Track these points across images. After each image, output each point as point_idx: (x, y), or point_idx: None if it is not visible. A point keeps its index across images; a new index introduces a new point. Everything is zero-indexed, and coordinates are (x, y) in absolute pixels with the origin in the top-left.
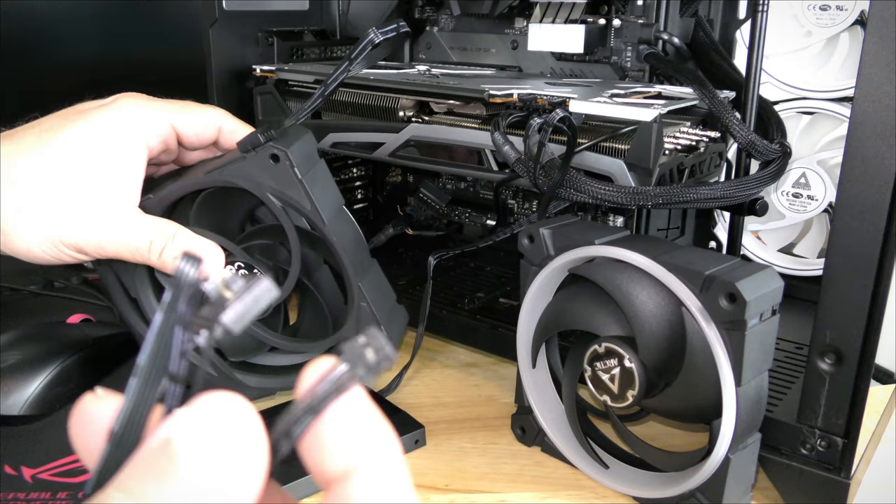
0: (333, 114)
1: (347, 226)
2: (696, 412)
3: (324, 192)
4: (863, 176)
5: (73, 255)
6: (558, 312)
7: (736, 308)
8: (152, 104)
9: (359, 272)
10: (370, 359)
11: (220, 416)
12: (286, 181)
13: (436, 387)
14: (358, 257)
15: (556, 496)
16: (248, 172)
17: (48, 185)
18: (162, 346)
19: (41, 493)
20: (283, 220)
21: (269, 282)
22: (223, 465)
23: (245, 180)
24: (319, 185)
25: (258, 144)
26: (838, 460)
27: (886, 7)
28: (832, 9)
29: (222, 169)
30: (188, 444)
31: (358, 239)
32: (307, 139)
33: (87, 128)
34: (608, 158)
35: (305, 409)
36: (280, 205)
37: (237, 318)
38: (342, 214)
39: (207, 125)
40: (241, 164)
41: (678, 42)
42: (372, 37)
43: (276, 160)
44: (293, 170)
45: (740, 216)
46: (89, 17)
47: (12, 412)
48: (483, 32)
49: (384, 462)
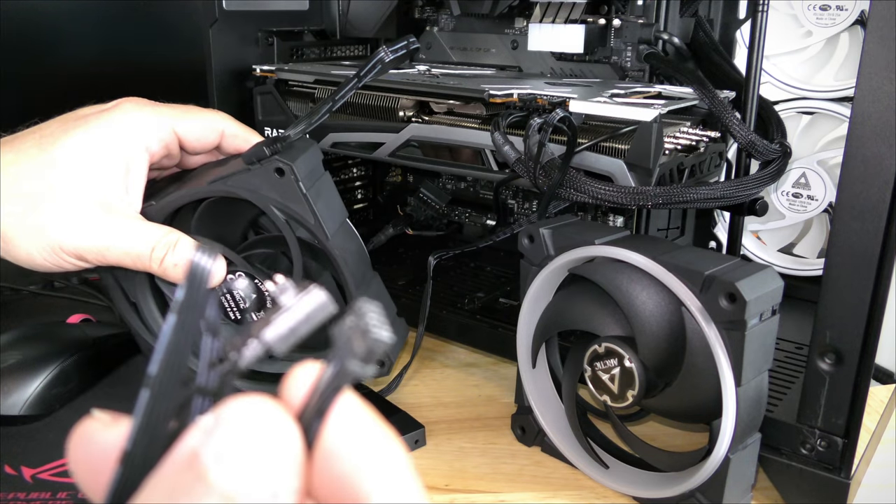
0: (333, 114)
1: (350, 239)
2: (696, 412)
3: (328, 206)
4: (863, 176)
5: (74, 263)
6: (558, 312)
7: (736, 308)
8: (154, 109)
9: (360, 285)
10: (359, 348)
11: (250, 422)
12: (290, 195)
13: (436, 387)
14: (360, 270)
15: (556, 496)
16: (253, 184)
17: (48, 192)
18: (176, 352)
19: (41, 493)
20: (286, 232)
21: (324, 296)
22: (259, 476)
23: (249, 192)
24: (324, 199)
25: (263, 157)
26: (838, 460)
27: (886, 7)
28: (832, 9)
29: (226, 180)
30: (219, 455)
31: (360, 252)
32: (312, 152)
33: (87, 134)
34: (608, 158)
35: (310, 415)
36: (284, 218)
37: (284, 336)
38: (345, 228)
39: (209, 129)
40: (245, 175)
41: (678, 42)
42: (382, 55)
43: (281, 174)
44: (298, 184)
45: (740, 216)
46: (89, 17)
47: (12, 412)
48: (483, 32)
49: (392, 465)
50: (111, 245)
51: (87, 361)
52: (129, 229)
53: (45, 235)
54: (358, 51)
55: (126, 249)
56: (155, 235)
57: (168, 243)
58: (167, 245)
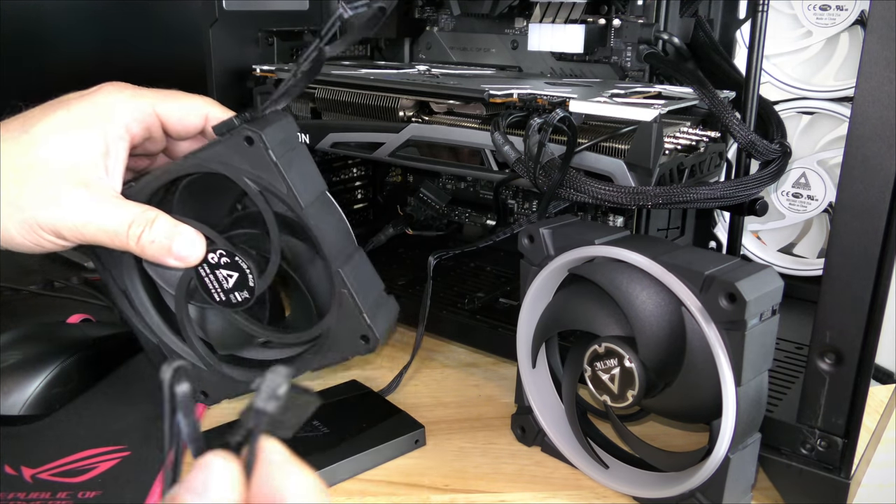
0: (333, 114)
1: (329, 211)
2: (695, 412)
3: (302, 175)
4: (863, 176)
5: (53, 241)
6: (558, 312)
7: (736, 308)
8: (134, 91)
9: (340, 258)
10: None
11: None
12: (261, 164)
13: (436, 387)
14: (340, 243)
15: (556, 496)
16: (224, 156)
17: (27, 170)
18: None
19: (41, 493)
20: (259, 204)
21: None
22: None
23: (221, 164)
24: (297, 168)
25: (233, 127)
26: (838, 460)
27: (886, 7)
28: (832, 9)
29: (198, 153)
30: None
31: (340, 225)
32: (285, 123)
33: (67, 114)
34: (608, 158)
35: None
36: (257, 189)
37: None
38: (324, 199)
39: (192, 112)
40: (216, 148)
41: (678, 42)
42: (340, 12)
43: (251, 142)
44: (267, 152)
45: (740, 216)
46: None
47: (12, 412)
48: (483, 32)
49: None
50: (88, 222)
51: (87, 361)
52: (105, 206)
53: (23, 212)
54: (358, 51)
55: (102, 226)
56: (132, 212)
57: (145, 220)
58: (144, 222)
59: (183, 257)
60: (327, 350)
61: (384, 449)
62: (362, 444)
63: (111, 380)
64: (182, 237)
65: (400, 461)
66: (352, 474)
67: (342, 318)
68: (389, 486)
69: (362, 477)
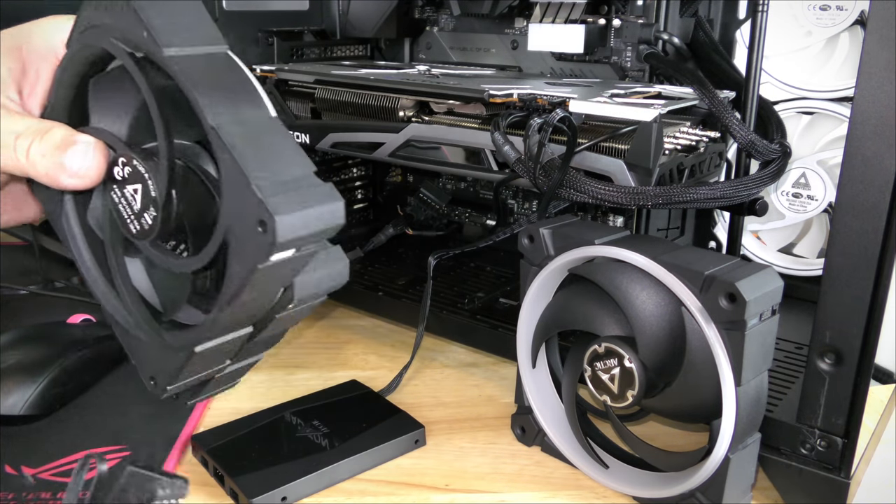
0: (333, 114)
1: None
2: (695, 412)
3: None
4: (863, 176)
5: None
6: (558, 312)
7: (736, 308)
8: (70, 17)
9: (217, 109)
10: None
11: None
12: (120, 15)
13: (436, 387)
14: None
15: (556, 496)
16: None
17: None
18: None
19: (41, 493)
20: (128, 66)
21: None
22: None
23: (97, 36)
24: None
25: None
26: (838, 460)
27: (886, 7)
28: (832, 9)
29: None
30: None
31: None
32: None
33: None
34: (608, 158)
35: None
36: (127, 50)
37: None
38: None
39: None
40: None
41: (678, 42)
42: None
43: None
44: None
45: (740, 216)
46: None
47: (12, 412)
48: (483, 32)
49: None
50: None
51: (87, 361)
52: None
53: None
54: (358, 51)
55: None
56: (23, 125)
57: (37, 131)
58: (35, 133)
59: (75, 171)
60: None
61: (384, 449)
62: (362, 443)
63: (111, 380)
64: (75, 147)
65: (400, 461)
66: (352, 474)
67: (231, 202)
68: (389, 486)
69: (362, 477)
